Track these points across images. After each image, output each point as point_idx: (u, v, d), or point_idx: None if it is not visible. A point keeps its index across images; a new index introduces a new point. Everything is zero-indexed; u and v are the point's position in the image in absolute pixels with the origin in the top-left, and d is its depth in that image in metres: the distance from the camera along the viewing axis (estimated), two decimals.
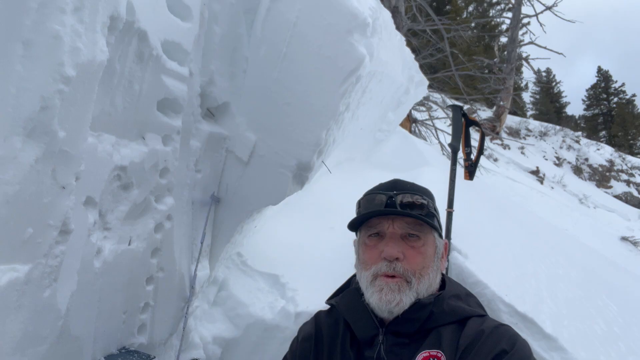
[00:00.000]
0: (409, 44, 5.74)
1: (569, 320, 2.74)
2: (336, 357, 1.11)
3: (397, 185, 1.17)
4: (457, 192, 2.92)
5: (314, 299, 2.49)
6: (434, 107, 11.63)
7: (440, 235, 1.16)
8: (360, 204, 1.19)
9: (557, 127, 23.81)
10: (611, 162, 21.89)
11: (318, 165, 2.70)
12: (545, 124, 24.34)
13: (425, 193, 1.17)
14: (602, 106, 40.24)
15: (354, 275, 1.27)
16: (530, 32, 16.19)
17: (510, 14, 16.81)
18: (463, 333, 1.01)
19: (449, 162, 3.35)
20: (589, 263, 4.75)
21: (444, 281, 1.17)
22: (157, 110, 2.08)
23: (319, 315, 1.26)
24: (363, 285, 1.12)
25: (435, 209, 1.17)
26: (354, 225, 1.18)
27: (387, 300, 1.04)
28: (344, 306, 1.17)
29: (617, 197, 18.52)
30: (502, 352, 0.95)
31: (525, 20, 15.96)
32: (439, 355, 0.99)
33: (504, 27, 21.06)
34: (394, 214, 1.09)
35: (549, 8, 14.80)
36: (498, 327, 1.03)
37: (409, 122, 10.35)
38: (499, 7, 23.08)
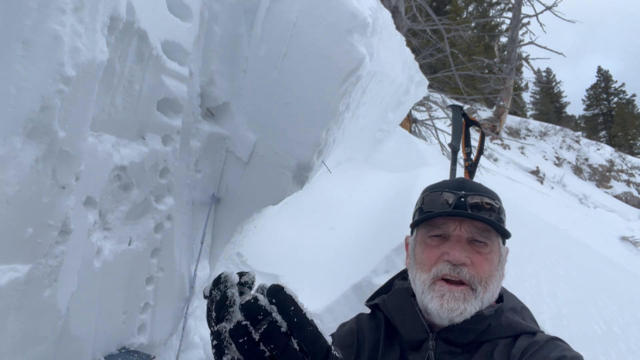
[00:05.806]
0: (409, 44, 5.74)
1: (569, 320, 2.74)
2: None
3: (465, 185, 1.08)
4: None
5: (314, 299, 2.48)
6: (434, 107, 11.63)
7: (504, 242, 1.08)
8: (423, 200, 1.10)
9: (557, 127, 23.81)
10: (611, 162, 21.89)
11: (318, 165, 2.70)
12: (545, 124, 24.34)
13: (495, 196, 1.08)
14: (602, 106, 40.24)
15: (395, 277, 1.22)
16: (530, 32, 16.22)
17: (510, 14, 16.81)
18: (515, 346, 0.96)
19: (449, 162, 3.35)
20: (589, 263, 4.74)
21: (501, 292, 1.09)
22: (157, 110, 2.08)
23: (360, 317, 1.18)
24: (418, 287, 1.04)
25: (504, 214, 1.08)
26: (416, 224, 1.10)
27: (449, 309, 0.97)
28: (392, 306, 1.09)
29: (617, 197, 18.52)
30: (561, 357, 0.90)
31: (525, 20, 15.97)
32: None
33: (504, 27, 21.07)
34: (465, 216, 1.01)
35: (549, 8, 14.80)
36: (552, 339, 0.97)
37: (409, 122, 10.36)
38: (499, 7, 23.11)
